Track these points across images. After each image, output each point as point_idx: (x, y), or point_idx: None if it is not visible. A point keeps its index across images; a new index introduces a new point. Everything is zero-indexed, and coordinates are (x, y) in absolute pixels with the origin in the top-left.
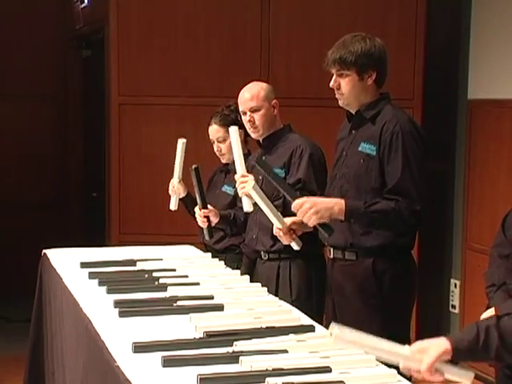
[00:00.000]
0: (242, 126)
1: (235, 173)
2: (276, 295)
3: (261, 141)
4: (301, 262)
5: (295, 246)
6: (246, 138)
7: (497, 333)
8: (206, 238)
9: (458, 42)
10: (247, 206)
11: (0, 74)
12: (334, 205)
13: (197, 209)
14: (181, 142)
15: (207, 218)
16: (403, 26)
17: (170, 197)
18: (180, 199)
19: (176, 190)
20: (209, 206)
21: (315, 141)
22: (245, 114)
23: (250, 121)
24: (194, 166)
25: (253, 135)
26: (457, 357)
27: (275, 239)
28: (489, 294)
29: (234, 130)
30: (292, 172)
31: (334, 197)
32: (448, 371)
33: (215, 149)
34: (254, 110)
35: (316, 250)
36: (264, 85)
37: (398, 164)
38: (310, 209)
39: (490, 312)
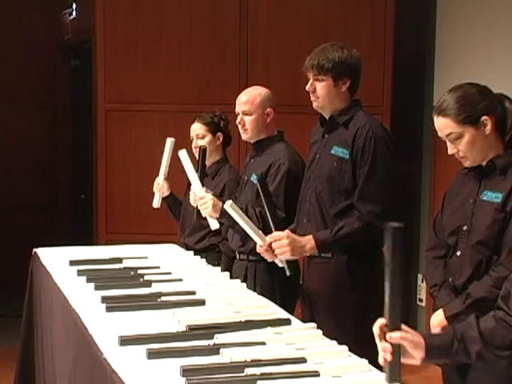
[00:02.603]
0: (222, 132)
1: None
2: None
3: (252, 143)
4: (266, 265)
5: (279, 263)
6: (224, 144)
7: (478, 336)
8: (194, 218)
9: (424, 53)
10: (213, 225)
11: None
12: (307, 243)
13: (192, 186)
14: (169, 141)
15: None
16: (373, 39)
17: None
18: (163, 199)
19: (160, 187)
20: (204, 187)
21: (293, 146)
22: (238, 114)
23: (240, 122)
24: (201, 146)
25: (242, 137)
26: (430, 355)
27: (244, 240)
28: (433, 294)
29: (183, 154)
30: (269, 182)
31: (309, 196)
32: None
33: (193, 145)
34: (246, 114)
35: None
36: (264, 92)
37: (366, 170)
38: (287, 245)
39: (439, 313)
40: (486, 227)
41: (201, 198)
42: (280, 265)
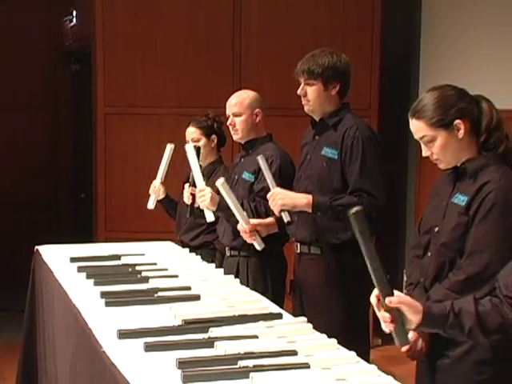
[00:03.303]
0: (216, 134)
1: (195, 186)
2: None
3: (243, 144)
4: (257, 260)
5: (257, 246)
6: (219, 145)
7: (475, 312)
8: (187, 215)
9: (409, 59)
10: (209, 217)
11: None
12: (302, 197)
13: (186, 185)
14: (169, 147)
15: (193, 196)
16: (361, 45)
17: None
18: (159, 201)
19: (157, 190)
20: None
21: (285, 147)
22: (229, 116)
23: (230, 124)
24: (195, 145)
25: (234, 137)
26: (425, 322)
27: (236, 235)
28: (408, 292)
29: (189, 147)
30: (260, 179)
31: None
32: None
33: None
34: (236, 115)
35: (275, 249)
36: (252, 94)
37: (358, 166)
38: (278, 194)
39: None
40: (451, 230)
41: (200, 190)
42: (258, 248)
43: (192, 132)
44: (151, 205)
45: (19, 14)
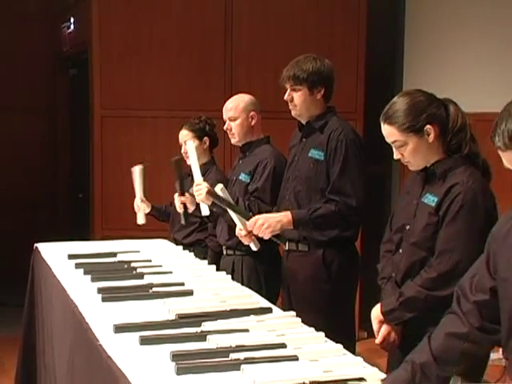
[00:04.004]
0: (208, 135)
1: (183, 194)
2: None
3: (240, 146)
4: (251, 259)
5: (253, 247)
6: (211, 146)
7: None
8: (182, 222)
9: (394, 65)
10: (205, 211)
11: None
12: (283, 217)
13: (176, 195)
14: (138, 169)
15: (184, 204)
16: (347, 51)
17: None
18: (148, 214)
19: (140, 208)
20: (186, 194)
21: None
22: (225, 121)
23: (227, 128)
24: (175, 158)
25: (232, 141)
26: None
27: (231, 234)
28: (381, 286)
29: (190, 144)
30: (255, 180)
31: (288, 196)
32: None
33: (182, 150)
34: (231, 119)
35: (267, 248)
36: (247, 98)
37: (339, 167)
38: (262, 225)
39: (377, 308)
40: (421, 229)
41: (197, 184)
42: (254, 248)
43: (185, 135)
44: (141, 220)
45: (20, 22)
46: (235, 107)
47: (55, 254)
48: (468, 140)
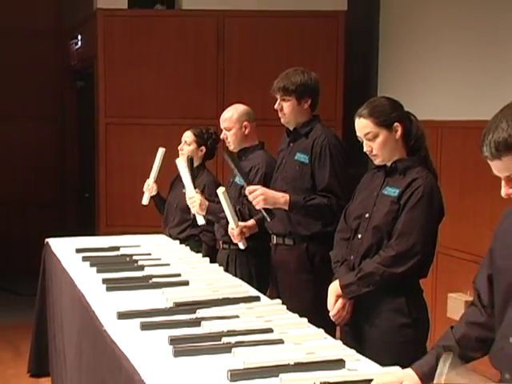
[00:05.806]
0: (206, 146)
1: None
2: None
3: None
4: (244, 253)
5: (241, 246)
6: (205, 157)
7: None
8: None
9: (369, 78)
10: (200, 221)
11: (11, 100)
12: (281, 197)
13: (187, 195)
14: (160, 151)
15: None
16: (328, 65)
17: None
18: (152, 197)
19: (150, 187)
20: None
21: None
22: (221, 131)
23: (224, 137)
24: (188, 156)
25: (229, 148)
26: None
27: (227, 231)
28: (334, 269)
29: (180, 161)
30: (248, 183)
31: None
32: None
33: (179, 147)
34: (227, 129)
35: (258, 245)
36: (240, 109)
37: (326, 170)
38: (260, 195)
39: (336, 283)
40: (383, 215)
41: (190, 197)
42: (241, 247)
43: (188, 135)
44: (145, 201)
45: (33, 38)
46: (229, 118)
47: (64, 248)
48: (424, 145)
